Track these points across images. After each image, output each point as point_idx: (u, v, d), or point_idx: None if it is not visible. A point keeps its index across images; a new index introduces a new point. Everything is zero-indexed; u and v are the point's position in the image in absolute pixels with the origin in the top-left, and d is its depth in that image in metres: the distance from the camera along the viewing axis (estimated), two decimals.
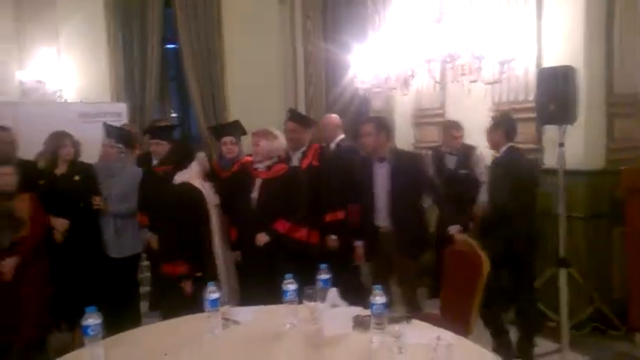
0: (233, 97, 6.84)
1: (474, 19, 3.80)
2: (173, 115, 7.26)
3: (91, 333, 1.92)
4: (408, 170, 3.27)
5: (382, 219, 3.33)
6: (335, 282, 2.34)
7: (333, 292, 2.23)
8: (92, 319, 1.92)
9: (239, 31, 6.79)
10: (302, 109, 6.63)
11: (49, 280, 3.44)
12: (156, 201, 3.36)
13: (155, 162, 3.83)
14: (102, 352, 1.94)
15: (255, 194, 3.28)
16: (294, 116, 3.82)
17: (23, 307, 3.29)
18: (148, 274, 4.27)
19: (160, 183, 3.42)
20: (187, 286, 2.99)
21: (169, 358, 1.97)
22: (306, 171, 3.57)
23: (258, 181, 3.30)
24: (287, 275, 2.24)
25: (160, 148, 3.70)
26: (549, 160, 3.81)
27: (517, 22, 3.95)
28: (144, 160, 4.10)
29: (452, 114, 4.63)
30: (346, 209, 3.61)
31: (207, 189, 3.26)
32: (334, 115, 4.31)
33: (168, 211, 3.15)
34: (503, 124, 3.37)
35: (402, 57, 3.74)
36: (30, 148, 4.05)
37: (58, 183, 3.56)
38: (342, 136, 4.18)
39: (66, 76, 6.02)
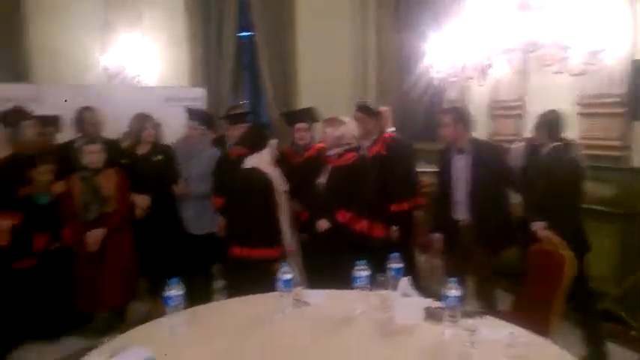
0: (304, 85, 6.90)
1: (560, 5, 3.60)
2: (245, 102, 7.44)
3: (173, 303, 2.02)
4: (489, 162, 3.17)
5: (461, 212, 3.25)
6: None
7: (404, 282, 2.21)
8: (174, 290, 2.02)
9: (312, 20, 6.81)
10: (372, 99, 6.59)
11: (132, 252, 3.65)
12: (228, 184, 3.46)
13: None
14: (182, 322, 2.03)
15: (323, 180, 3.30)
16: (360, 106, 3.83)
17: (108, 276, 3.52)
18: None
19: (232, 167, 3.52)
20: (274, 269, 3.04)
21: (242, 335, 2.04)
22: (372, 160, 3.55)
23: (328, 168, 3.32)
24: (359, 262, 2.25)
25: (237, 133, 3.80)
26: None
27: (608, 9, 3.70)
28: (218, 144, 4.24)
29: (532, 106, 4.43)
30: (411, 200, 3.58)
31: (276, 175, 3.33)
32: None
33: (239, 194, 3.25)
34: (546, 124, 3.26)
35: (480, 45, 3.60)
36: (114, 129, 4.31)
37: (139, 162, 3.76)
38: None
39: (146, 61, 6.30)
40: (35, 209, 3.51)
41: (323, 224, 3.18)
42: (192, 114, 4.03)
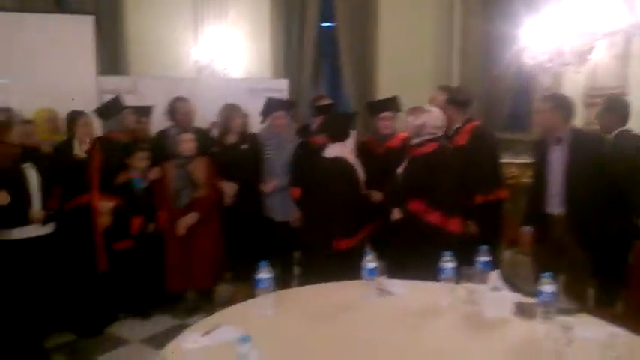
0: (384, 75, 6.83)
1: None
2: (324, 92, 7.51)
3: (263, 285, 2.09)
4: (590, 153, 2.95)
5: (555, 205, 3.08)
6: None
7: (494, 275, 2.14)
8: (265, 273, 2.09)
9: (394, 8, 6.73)
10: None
11: (220, 236, 3.82)
12: (309, 174, 3.49)
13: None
14: (271, 305, 2.10)
15: (401, 169, 3.23)
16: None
17: (197, 259, 3.71)
18: None
19: (312, 156, 3.54)
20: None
21: (328, 320, 2.08)
22: (455, 150, 3.44)
23: (407, 158, 3.26)
24: (446, 252, 2.21)
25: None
26: None
27: None
28: (301, 135, 4.30)
29: (634, 94, 4.10)
30: (495, 193, 3.44)
31: (358, 165, 3.33)
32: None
33: (322, 184, 3.25)
34: (618, 108, 3.10)
35: (580, 29, 3.39)
36: (203, 119, 4.51)
37: (228, 151, 3.90)
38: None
39: (232, 54, 6.52)
40: (132, 194, 3.75)
41: (396, 214, 3.13)
42: (280, 104, 4.10)
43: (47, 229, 3.12)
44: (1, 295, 2.56)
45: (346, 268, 2.48)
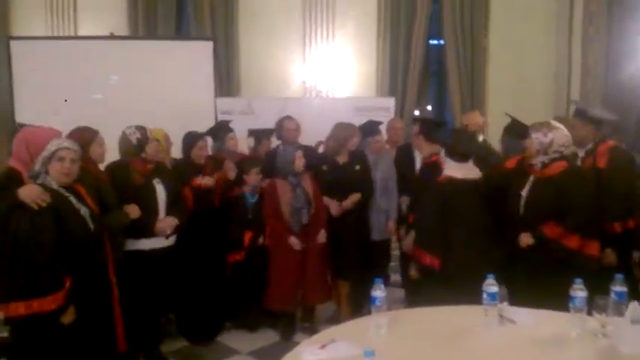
0: (493, 93, 6.61)
1: None
2: (429, 109, 7.41)
3: (378, 304, 2.06)
4: None
5: None
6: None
7: (635, 307, 1.93)
8: (380, 291, 2.06)
9: (506, 25, 6.50)
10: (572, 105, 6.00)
11: (328, 253, 3.85)
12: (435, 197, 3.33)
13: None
14: (385, 323, 2.07)
15: (525, 192, 3.04)
16: (578, 111, 3.45)
17: (307, 276, 3.73)
18: None
19: (430, 177, 3.42)
20: None
21: (446, 344, 2.00)
22: (587, 171, 3.18)
23: (530, 179, 3.05)
24: (577, 280, 2.04)
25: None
26: None
27: None
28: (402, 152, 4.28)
29: None
30: (633, 218, 3.12)
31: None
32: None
33: (456, 208, 2.93)
34: None
35: None
36: (311, 137, 4.62)
37: (339, 170, 3.94)
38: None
39: (338, 73, 6.66)
40: (245, 208, 3.91)
41: (526, 239, 2.94)
42: (377, 127, 4.21)
43: (170, 241, 3.33)
44: (127, 299, 2.76)
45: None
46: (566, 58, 6.34)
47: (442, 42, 6.79)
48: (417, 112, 6.82)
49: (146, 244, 3.19)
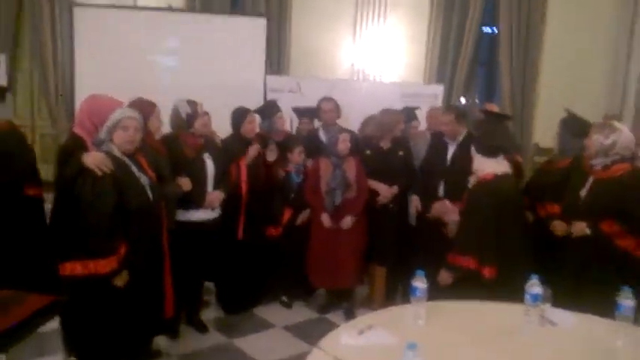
0: (545, 85, 6.41)
1: None
2: (477, 100, 7.27)
3: (418, 294, 2.10)
4: None
5: None
6: None
7: None
8: (421, 283, 2.10)
9: (565, 15, 6.26)
10: (630, 103, 5.81)
11: (366, 237, 3.89)
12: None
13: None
14: (424, 313, 2.11)
15: (584, 192, 2.93)
16: None
17: (342, 258, 3.79)
18: None
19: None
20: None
21: (484, 341, 2.02)
22: None
23: (589, 179, 2.94)
24: (625, 287, 2.01)
25: None
26: None
27: None
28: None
29: None
30: None
31: None
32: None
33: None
34: None
35: None
36: (358, 121, 4.62)
37: (383, 156, 3.95)
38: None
39: (388, 58, 6.59)
40: (288, 186, 3.99)
41: (580, 227, 2.77)
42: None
43: (215, 213, 3.44)
44: (174, 266, 2.87)
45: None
46: (625, 57, 6.08)
47: (495, 30, 6.61)
48: (463, 101, 6.71)
49: (194, 215, 3.31)
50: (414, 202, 3.86)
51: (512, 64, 6.44)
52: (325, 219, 3.77)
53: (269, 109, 4.26)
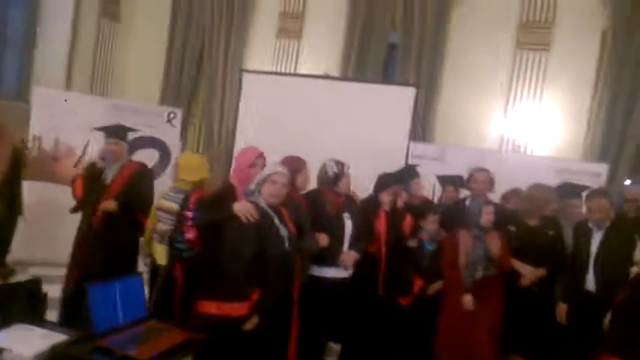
0: None
1: None
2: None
3: None
4: None
5: None
6: None
7: None
8: None
9: None
10: None
11: (502, 313, 3.60)
12: None
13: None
14: None
15: None
16: None
17: (475, 335, 3.52)
18: None
19: None
20: None
21: None
22: None
23: None
24: None
25: None
26: None
27: None
28: None
29: None
30: None
31: None
32: None
33: None
34: None
35: None
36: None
37: (529, 233, 3.68)
38: None
39: (543, 132, 6.25)
40: (421, 255, 3.85)
41: None
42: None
43: (347, 273, 3.44)
44: (301, 320, 2.89)
45: None
46: None
47: None
48: (628, 183, 6.03)
49: (328, 272, 3.34)
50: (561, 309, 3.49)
51: None
52: (468, 301, 3.54)
53: (407, 174, 4.23)
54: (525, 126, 6.28)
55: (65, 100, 5.79)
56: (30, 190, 5.24)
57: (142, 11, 8.78)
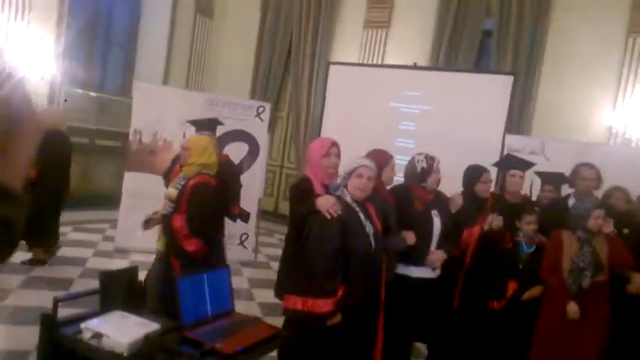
0: None
1: None
2: None
3: None
4: None
5: None
6: None
7: None
8: None
9: None
10: None
11: (607, 331, 3.29)
12: None
13: None
14: None
15: None
16: None
17: (577, 346, 3.26)
18: None
19: None
20: None
21: None
22: None
23: None
24: None
25: None
26: None
27: None
28: None
29: None
30: None
31: None
32: None
33: None
34: None
35: None
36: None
37: None
38: None
39: None
40: (517, 257, 3.60)
41: None
42: None
43: (435, 273, 3.29)
44: (387, 318, 2.80)
45: None
46: None
47: None
48: None
49: (414, 271, 3.21)
50: None
51: None
52: (573, 309, 3.24)
53: (505, 163, 3.96)
54: (637, 117, 5.68)
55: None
56: (131, 181, 5.64)
57: (233, 7, 9.03)
